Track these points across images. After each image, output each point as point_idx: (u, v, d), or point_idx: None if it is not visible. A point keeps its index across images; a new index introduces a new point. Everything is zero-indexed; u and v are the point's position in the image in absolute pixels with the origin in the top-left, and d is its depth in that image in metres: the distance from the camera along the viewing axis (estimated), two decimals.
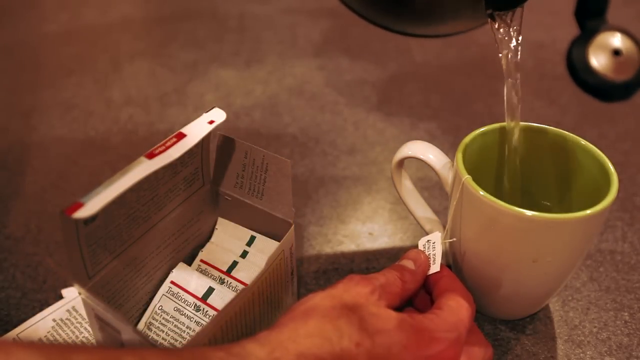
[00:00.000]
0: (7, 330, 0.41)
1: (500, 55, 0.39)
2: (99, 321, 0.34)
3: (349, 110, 0.67)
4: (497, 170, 0.44)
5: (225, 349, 0.28)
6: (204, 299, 0.40)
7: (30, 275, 0.46)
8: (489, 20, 0.38)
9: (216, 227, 0.45)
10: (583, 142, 0.41)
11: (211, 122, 0.38)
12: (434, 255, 0.38)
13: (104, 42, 0.82)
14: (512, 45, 0.38)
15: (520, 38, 0.38)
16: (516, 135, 0.41)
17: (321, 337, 0.29)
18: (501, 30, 0.38)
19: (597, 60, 0.32)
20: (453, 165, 0.40)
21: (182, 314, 0.39)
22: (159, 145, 0.35)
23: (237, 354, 0.28)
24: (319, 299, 0.31)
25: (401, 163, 0.44)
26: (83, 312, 0.42)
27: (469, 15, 0.41)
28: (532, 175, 0.43)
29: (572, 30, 0.34)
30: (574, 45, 0.33)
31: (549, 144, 0.42)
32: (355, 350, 0.29)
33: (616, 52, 0.32)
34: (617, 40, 0.32)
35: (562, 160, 0.42)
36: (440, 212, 0.48)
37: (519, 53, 0.39)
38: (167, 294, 0.40)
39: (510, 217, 0.36)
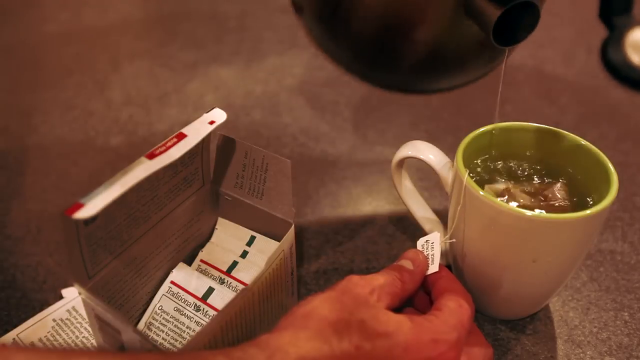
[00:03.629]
0: (7, 330, 0.41)
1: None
2: (99, 321, 0.34)
3: (349, 110, 0.67)
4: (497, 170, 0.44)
5: (225, 352, 0.28)
6: (204, 299, 0.40)
7: (30, 275, 0.46)
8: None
9: (216, 227, 0.45)
10: (583, 142, 0.41)
11: (212, 122, 0.38)
12: (433, 255, 0.38)
13: (104, 42, 0.82)
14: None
15: None
16: (497, 133, 0.40)
17: (321, 340, 0.29)
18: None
19: (637, 55, 0.32)
20: (453, 165, 0.40)
21: (182, 314, 0.39)
22: (159, 145, 0.35)
23: (238, 358, 0.28)
24: (319, 302, 0.31)
25: (401, 163, 0.44)
26: (83, 312, 0.42)
27: (479, 61, 0.40)
28: (532, 175, 0.43)
29: (572, 30, 0.34)
30: (609, 45, 0.33)
31: (549, 144, 0.42)
32: (355, 353, 0.29)
33: None
34: None
35: (562, 160, 0.42)
36: (440, 212, 0.48)
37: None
38: (167, 294, 0.40)
39: (510, 217, 0.36)
